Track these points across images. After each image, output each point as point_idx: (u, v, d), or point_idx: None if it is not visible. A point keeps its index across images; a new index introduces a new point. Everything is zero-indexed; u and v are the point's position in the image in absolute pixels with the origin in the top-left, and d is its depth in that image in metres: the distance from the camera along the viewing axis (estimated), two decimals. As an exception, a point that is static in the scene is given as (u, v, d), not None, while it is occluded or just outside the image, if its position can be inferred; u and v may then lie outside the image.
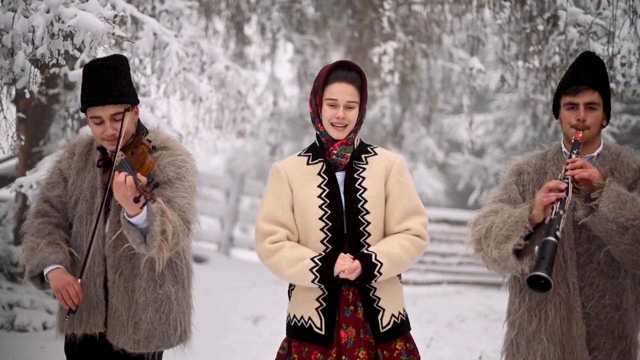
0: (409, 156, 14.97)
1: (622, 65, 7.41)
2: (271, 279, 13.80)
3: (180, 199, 4.06)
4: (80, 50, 5.42)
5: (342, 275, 3.94)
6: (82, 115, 6.65)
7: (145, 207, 3.90)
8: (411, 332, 4.20)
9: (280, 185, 4.16)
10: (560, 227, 3.66)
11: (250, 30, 12.45)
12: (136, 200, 3.77)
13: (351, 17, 12.30)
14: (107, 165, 4.15)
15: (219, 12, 11.39)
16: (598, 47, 7.93)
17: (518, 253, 3.84)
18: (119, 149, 4.02)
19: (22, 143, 6.20)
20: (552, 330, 3.96)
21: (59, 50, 5.15)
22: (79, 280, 4.05)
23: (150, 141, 4.17)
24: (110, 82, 4.03)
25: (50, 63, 5.44)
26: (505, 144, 17.50)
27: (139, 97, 6.64)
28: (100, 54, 5.39)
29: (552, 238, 3.61)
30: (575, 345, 3.91)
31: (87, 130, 6.38)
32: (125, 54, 6.47)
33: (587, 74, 3.99)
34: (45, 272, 4.08)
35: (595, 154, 4.04)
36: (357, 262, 3.95)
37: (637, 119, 16.35)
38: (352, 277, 3.94)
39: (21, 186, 6.07)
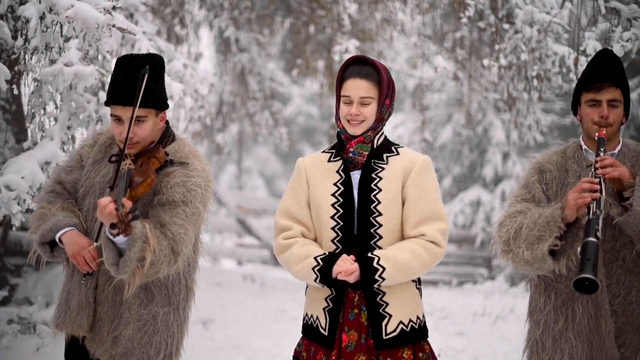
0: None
1: (589, 63, 7.48)
2: (213, 282, 13.60)
3: (176, 226, 3.78)
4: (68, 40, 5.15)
5: (339, 277, 3.84)
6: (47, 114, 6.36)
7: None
8: None
9: (299, 181, 4.09)
10: (599, 227, 3.62)
11: (183, 30, 12.18)
12: (112, 226, 3.53)
13: (287, 15, 12.19)
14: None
15: (154, 10, 11.11)
16: (559, 48, 8.02)
17: (552, 253, 3.80)
18: (137, 152, 3.89)
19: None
20: (580, 329, 3.93)
21: (48, 44, 4.86)
22: (95, 244, 3.82)
23: (167, 154, 3.93)
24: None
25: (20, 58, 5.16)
26: (435, 142, 17.65)
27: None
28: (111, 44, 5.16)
29: (593, 239, 3.58)
30: (604, 343, 3.90)
31: (54, 132, 6.11)
32: (91, 51, 6.19)
33: (608, 71, 3.98)
34: (58, 235, 3.87)
35: (616, 151, 4.04)
36: (355, 265, 3.84)
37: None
38: (350, 279, 3.84)
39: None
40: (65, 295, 4.08)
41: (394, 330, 3.90)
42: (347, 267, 3.83)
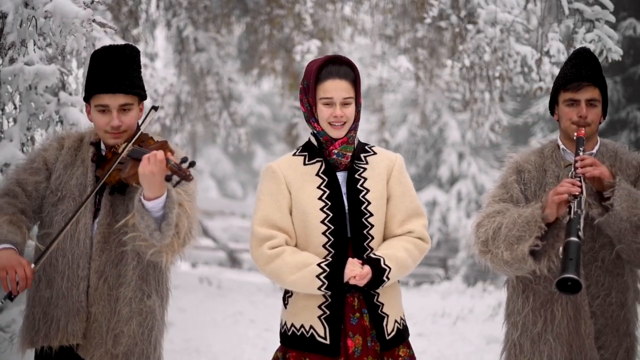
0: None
1: (552, 64, 7.51)
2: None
3: (186, 202, 3.73)
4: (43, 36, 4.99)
5: (352, 282, 3.72)
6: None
7: (164, 194, 3.56)
8: None
9: (278, 186, 3.89)
10: (580, 226, 3.58)
11: (137, 29, 11.99)
12: (168, 178, 3.41)
13: (244, 14, 12.07)
14: (101, 161, 3.86)
15: (112, 9, 10.90)
16: (522, 48, 8.03)
17: (532, 254, 3.75)
18: (123, 141, 3.76)
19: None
20: (559, 330, 3.89)
21: (23, 40, 4.70)
22: (33, 265, 3.63)
23: (154, 139, 3.85)
24: (122, 71, 3.76)
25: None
26: (391, 141, 17.67)
27: (68, 96, 6.22)
28: (72, 42, 5.00)
29: (575, 239, 3.53)
30: (584, 345, 3.86)
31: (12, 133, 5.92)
32: (50, 50, 6.02)
33: (587, 70, 3.95)
34: None
35: (594, 150, 4.01)
36: (367, 268, 3.74)
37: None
38: (363, 283, 3.73)
39: None
40: (35, 308, 3.88)
41: (393, 330, 3.85)
42: (359, 271, 3.73)
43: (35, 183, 3.88)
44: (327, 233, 3.82)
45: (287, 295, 3.98)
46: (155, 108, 3.86)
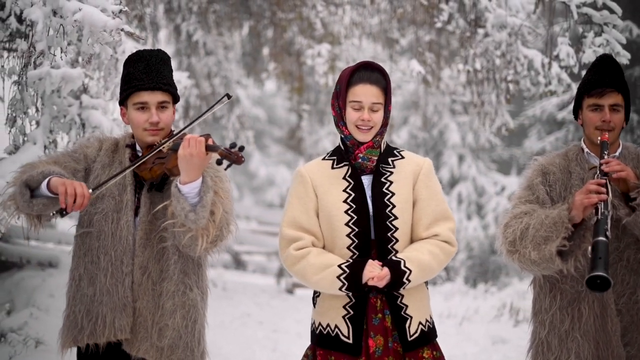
0: (308, 159, 14.94)
1: (561, 68, 7.62)
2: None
3: (222, 191, 3.83)
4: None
5: (370, 283, 3.84)
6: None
7: (200, 179, 3.66)
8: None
9: (305, 190, 4.04)
10: (608, 226, 3.69)
11: (142, 33, 12.02)
12: (219, 162, 3.50)
13: (247, 18, 12.14)
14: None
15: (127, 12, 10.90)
16: (529, 52, 8.13)
17: (560, 254, 3.86)
18: (161, 139, 3.86)
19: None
20: (586, 328, 3.99)
21: (50, 48, 4.77)
22: (91, 191, 3.70)
23: None
24: (159, 71, 3.90)
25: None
26: (396, 143, 17.77)
27: (90, 99, 6.32)
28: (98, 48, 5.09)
29: (603, 238, 3.64)
30: (611, 342, 3.96)
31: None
32: (73, 54, 6.11)
33: (610, 76, 4.06)
34: (49, 178, 3.69)
35: (617, 154, 4.12)
36: (386, 270, 3.85)
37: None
38: (381, 284, 3.84)
39: None
40: (76, 307, 3.98)
41: (416, 332, 3.93)
42: (378, 273, 3.82)
43: (74, 169, 3.96)
44: (351, 235, 3.94)
45: (315, 295, 4.10)
46: (228, 96, 3.95)
